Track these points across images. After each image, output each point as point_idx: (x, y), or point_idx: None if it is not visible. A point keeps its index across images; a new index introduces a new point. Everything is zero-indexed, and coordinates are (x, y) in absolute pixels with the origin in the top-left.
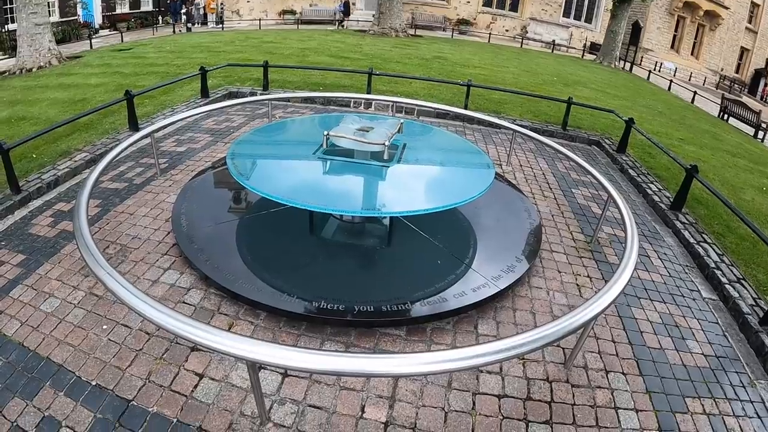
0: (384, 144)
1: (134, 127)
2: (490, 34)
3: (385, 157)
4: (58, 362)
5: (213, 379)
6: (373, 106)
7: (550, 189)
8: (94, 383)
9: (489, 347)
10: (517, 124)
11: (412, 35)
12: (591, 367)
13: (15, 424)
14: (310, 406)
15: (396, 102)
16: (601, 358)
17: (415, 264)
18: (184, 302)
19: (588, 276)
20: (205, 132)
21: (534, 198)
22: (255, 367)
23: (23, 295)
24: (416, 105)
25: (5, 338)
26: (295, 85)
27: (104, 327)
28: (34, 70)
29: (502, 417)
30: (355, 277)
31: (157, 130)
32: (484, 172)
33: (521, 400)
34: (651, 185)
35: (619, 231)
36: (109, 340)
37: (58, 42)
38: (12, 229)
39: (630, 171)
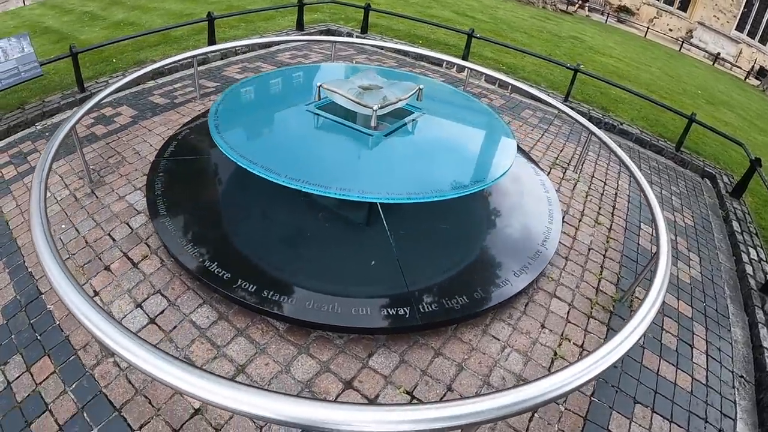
0: (372, 108)
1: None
2: (648, 28)
3: (372, 123)
4: (19, 244)
5: None
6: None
7: (611, 215)
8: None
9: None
10: (621, 128)
11: (562, 10)
12: None
13: None
14: None
15: (483, 73)
16: None
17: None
18: (128, 224)
19: (579, 344)
20: (275, 64)
21: (580, 220)
22: None
23: (29, 180)
24: (507, 82)
25: (2, 215)
26: (396, 33)
27: (63, 226)
28: None
29: None
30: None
31: (204, 54)
32: (492, 170)
33: None
34: (752, 250)
35: (673, 299)
36: (60, 239)
37: None
38: (58, 123)
39: (734, 223)
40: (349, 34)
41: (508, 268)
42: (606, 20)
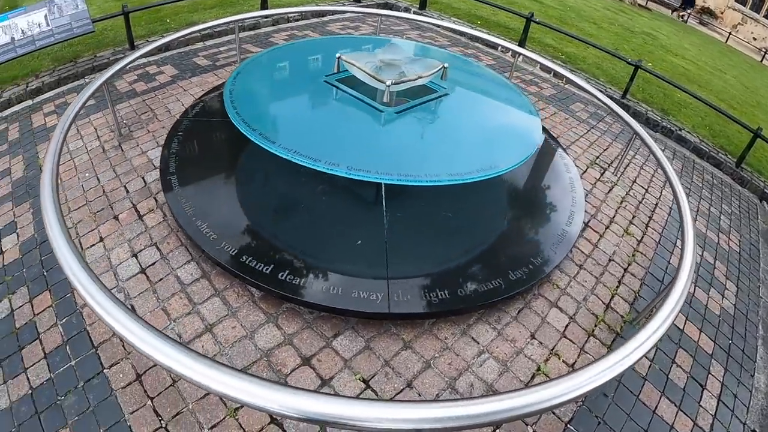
0: (386, 84)
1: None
2: (730, 34)
3: (385, 99)
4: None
5: None
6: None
7: (645, 226)
8: None
9: None
10: (679, 134)
11: (640, 5)
12: None
13: None
14: None
15: (537, 61)
16: None
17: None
18: (143, 178)
19: (569, 363)
20: (323, 34)
21: (607, 227)
22: None
23: (71, 134)
24: (558, 71)
25: (38, 160)
26: (456, 12)
27: (87, 175)
28: None
29: None
30: None
31: (243, 20)
32: (500, 162)
33: None
34: None
35: (694, 330)
36: (81, 186)
37: None
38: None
39: None
40: (407, 9)
41: (504, 268)
42: (686, 20)
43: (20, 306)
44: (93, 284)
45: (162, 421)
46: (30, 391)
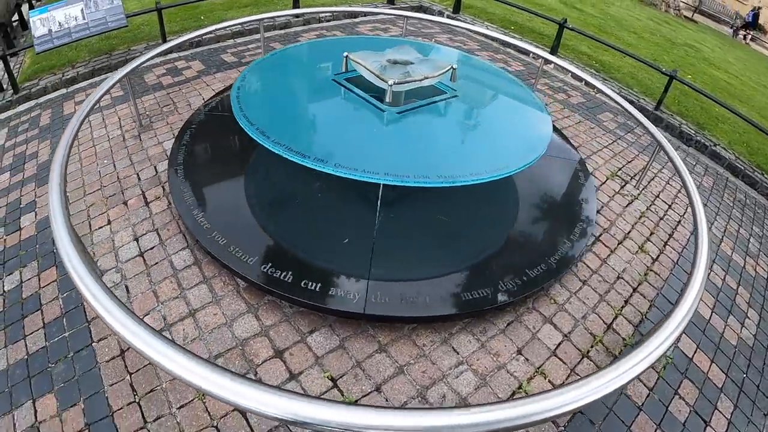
0: (389, 83)
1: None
2: None
3: (387, 99)
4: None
5: None
6: (540, 63)
7: (663, 245)
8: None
9: None
10: (713, 150)
11: (686, 17)
12: None
13: None
14: None
15: (568, 70)
16: None
17: None
18: (155, 167)
19: (556, 384)
20: (352, 35)
21: (620, 243)
22: None
23: (94, 118)
24: (587, 80)
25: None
26: (490, 17)
27: (105, 161)
28: None
29: None
30: None
31: (270, 18)
32: (495, 168)
33: None
34: None
35: (705, 359)
36: (99, 172)
37: None
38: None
39: None
40: (441, 13)
41: (495, 278)
42: (734, 36)
43: (29, 279)
44: (82, 265)
45: (136, 396)
46: (26, 357)
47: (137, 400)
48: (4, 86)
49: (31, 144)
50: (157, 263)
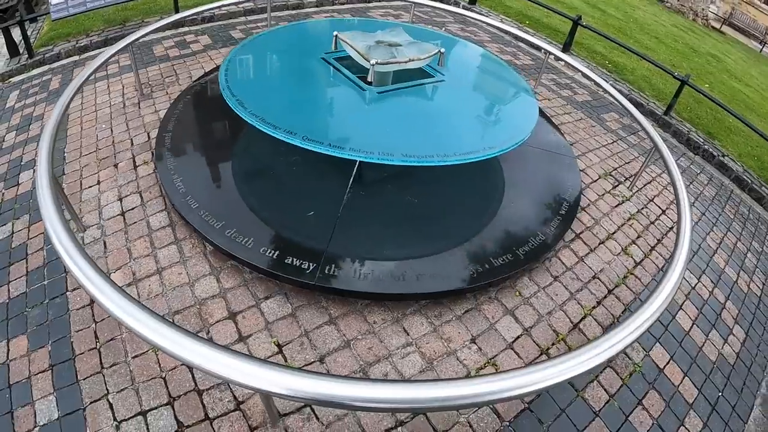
0: (370, 63)
1: None
2: None
3: (368, 78)
4: (68, 134)
5: None
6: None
7: (650, 249)
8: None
9: None
10: (721, 161)
11: (714, 27)
12: None
13: None
14: None
15: (578, 68)
16: None
17: None
18: (148, 134)
19: None
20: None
21: (602, 242)
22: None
23: (100, 85)
24: (593, 79)
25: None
26: (506, 10)
27: (103, 126)
28: None
29: None
30: None
31: None
32: (465, 149)
33: None
34: None
35: (678, 372)
36: (96, 135)
37: None
38: (148, 41)
39: None
40: (456, 3)
41: (455, 263)
42: (762, 50)
43: (20, 230)
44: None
45: (98, 343)
46: (7, 301)
47: (98, 347)
48: (21, 51)
49: (39, 107)
50: (135, 222)
